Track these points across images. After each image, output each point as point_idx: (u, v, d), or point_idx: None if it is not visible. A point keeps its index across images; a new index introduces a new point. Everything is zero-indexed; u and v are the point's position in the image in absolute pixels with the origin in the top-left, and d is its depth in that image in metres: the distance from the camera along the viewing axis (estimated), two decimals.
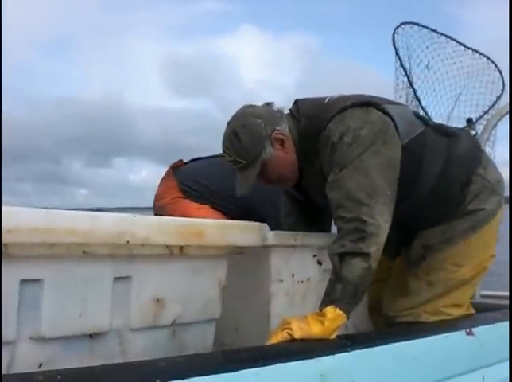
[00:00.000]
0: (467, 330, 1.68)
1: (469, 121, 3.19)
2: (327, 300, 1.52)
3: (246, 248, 1.57)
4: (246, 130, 1.79)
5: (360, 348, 1.35)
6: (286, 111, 1.91)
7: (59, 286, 1.23)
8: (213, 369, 1.11)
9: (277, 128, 1.80)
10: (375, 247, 1.56)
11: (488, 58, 3.17)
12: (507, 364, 1.76)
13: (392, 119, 1.76)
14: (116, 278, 1.33)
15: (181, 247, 1.42)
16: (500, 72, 3.17)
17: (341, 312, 1.48)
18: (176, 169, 2.74)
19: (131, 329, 1.38)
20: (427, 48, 3.10)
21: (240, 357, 1.24)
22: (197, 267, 1.49)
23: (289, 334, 1.41)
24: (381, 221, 1.59)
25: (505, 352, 1.78)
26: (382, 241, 1.59)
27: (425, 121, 1.93)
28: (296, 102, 1.91)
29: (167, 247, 1.39)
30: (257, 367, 1.16)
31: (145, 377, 1.02)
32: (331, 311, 1.47)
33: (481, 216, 1.88)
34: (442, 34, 3.14)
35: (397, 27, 3.06)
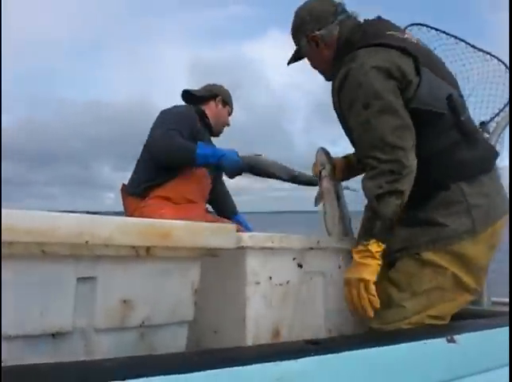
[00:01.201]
0: (449, 337, 1.63)
1: (482, 124, 3.12)
2: (369, 235, 1.77)
3: (220, 250, 1.55)
4: (294, 20, 2.15)
5: (325, 354, 1.32)
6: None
7: (18, 284, 1.23)
8: (165, 370, 1.10)
9: (317, 32, 2.06)
10: (408, 185, 1.75)
11: (499, 59, 3.08)
12: (494, 373, 1.71)
13: (419, 74, 1.84)
14: (80, 279, 1.33)
15: (148, 249, 1.41)
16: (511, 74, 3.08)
17: (381, 243, 1.75)
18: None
19: (96, 330, 1.37)
20: (435, 49, 3.03)
21: (196, 359, 1.22)
22: (167, 269, 1.48)
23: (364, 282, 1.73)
24: (413, 162, 1.76)
25: (491, 360, 1.73)
26: (412, 178, 1.76)
27: (454, 108, 1.90)
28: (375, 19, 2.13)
29: (133, 247, 1.39)
30: (213, 369, 1.15)
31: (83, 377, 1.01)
32: (375, 246, 1.74)
33: (443, 232, 1.83)
34: (451, 35, 3.06)
35: (404, 28, 3.01)
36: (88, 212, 1.39)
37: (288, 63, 2.28)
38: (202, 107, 3.11)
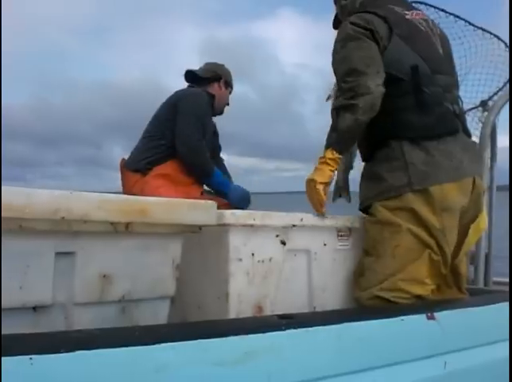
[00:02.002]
0: (428, 314, 1.65)
1: (483, 103, 3.11)
2: (326, 145, 2.03)
3: (201, 227, 1.57)
4: None
5: (296, 328, 1.34)
6: None
7: None
8: (129, 342, 1.13)
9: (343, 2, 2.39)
10: (363, 102, 1.94)
11: (499, 38, 3.05)
12: (473, 351, 1.72)
13: (389, 39, 2.07)
14: (58, 254, 1.36)
15: (127, 225, 1.44)
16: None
17: (336, 152, 1.99)
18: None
19: (76, 304, 1.41)
20: None
21: (163, 332, 1.25)
22: (147, 244, 1.50)
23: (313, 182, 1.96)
24: (372, 85, 1.95)
25: (471, 339, 1.74)
26: (370, 99, 1.96)
27: (417, 78, 2.06)
28: None
29: (111, 224, 1.41)
30: (179, 341, 1.18)
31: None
32: (329, 152, 1.99)
33: (384, 186, 1.99)
34: (450, 13, 3.04)
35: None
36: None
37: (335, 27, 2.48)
38: (207, 89, 3.16)
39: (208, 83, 3.19)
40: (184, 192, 2.78)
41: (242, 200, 2.98)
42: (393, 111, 2.03)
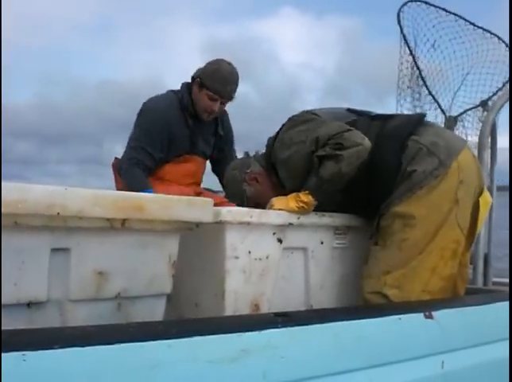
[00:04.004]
0: (426, 313, 1.63)
1: (482, 102, 3.10)
2: (304, 188, 2.00)
3: (198, 224, 1.56)
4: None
5: (292, 326, 1.33)
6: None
7: None
8: (124, 339, 1.12)
9: (247, 171, 2.30)
10: (348, 153, 1.95)
11: (499, 38, 3.05)
12: (471, 351, 1.71)
13: (315, 114, 2.20)
14: (54, 250, 1.36)
15: (123, 221, 1.43)
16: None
17: (311, 197, 1.95)
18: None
19: (71, 300, 1.40)
20: (433, 27, 3.02)
21: (160, 329, 1.24)
22: (143, 241, 1.49)
23: (272, 207, 1.94)
24: (358, 139, 1.98)
25: (469, 338, 1.73)
26: (354, 151, 1.96)
27: (362, 114, 2.24)
28: None
29: (107, 220, 1.41)
30: (176, 338, 1.17)
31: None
32: (305, 195, 1.96)
33: (415, 177, 1.96)
34: (450, 13, 3.04)
35: (402, 5, 2.98)
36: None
37: None
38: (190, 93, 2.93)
39: (192, 85, 2.92)
40: (179, 190, 2.75)
41: None
42: (378, 136, 2.08)
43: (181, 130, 2.87)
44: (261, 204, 2.17)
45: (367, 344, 1.47)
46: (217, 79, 2.79)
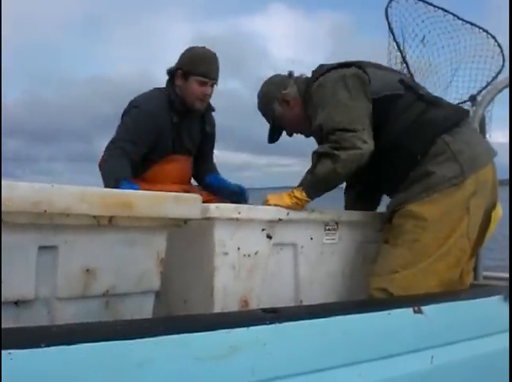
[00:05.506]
0: (415, 308, 1.64)
1: (472, 98, 3.11)
2: (299, 184, 2.03)
3: (186, 221, 1.56)
4: (259, 99, 2.45)
5: (281, 322, 1.32)
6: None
7: None
8: (111, 337, 1.11)
9: (283, 91, 2.30)
10: (346, 155, 1.96)
11: (488, 33, 3.05)
12: (460, 345, 1.72)
13: (366, 73, 2.11)
14: (41, 248, 1.35)
15: (110, 218, 1.42)
16: (500, 47, 3.05)
17: (305, 194, 1.97)
18: None
19: (59, 298, 1.39)
20: (422, 22, 3.01)
21: (147, 326, 1.23)
22: (131, 239, 1.49)
23: (267, 203, 1.93)
24: (358, 143, 1.97)
25: (458, 333, 1.73)
26: (352, 154, 1.97)
27: (410, 88, 2.16)
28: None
29: (94, 217, 1.40)
30: (164, 335, 1.16)
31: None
32: (298, 192, 1.98)
33: (433, 179, 1.97)
34: (439, 8, 3.04)
35: (391, 0, 2.98)
36: None
37: (272, 141, 2.50)
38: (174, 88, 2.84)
39: (175, 80, 2.83)
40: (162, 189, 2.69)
41: None
42: (415, 119, 2.07)
43: (167, 128, 2.81)
44: (285, 128, 2.36)
45: (356, 339, 1.47)
46: (199, 62, 2.74)
